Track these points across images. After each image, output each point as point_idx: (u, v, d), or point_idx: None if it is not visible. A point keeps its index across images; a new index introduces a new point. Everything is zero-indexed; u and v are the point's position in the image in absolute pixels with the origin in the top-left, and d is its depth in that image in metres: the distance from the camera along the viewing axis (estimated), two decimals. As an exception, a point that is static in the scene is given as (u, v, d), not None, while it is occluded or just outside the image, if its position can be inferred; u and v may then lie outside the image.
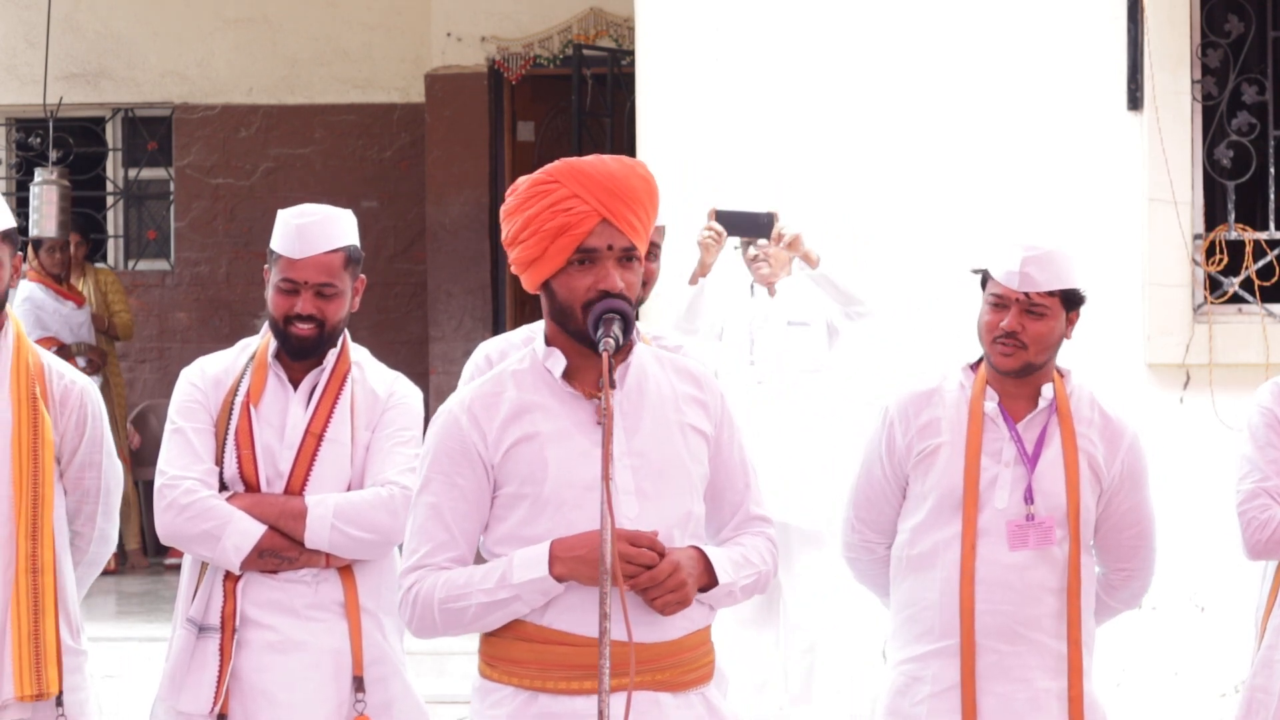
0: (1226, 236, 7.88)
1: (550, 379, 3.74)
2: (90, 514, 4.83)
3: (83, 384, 4.81)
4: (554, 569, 3.61)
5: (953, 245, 7.75)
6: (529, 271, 3.72)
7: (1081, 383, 4.73)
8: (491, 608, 3.66)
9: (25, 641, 4.60)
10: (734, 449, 3.84)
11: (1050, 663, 4.60)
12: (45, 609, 4.64)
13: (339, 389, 4.73)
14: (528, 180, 3.73)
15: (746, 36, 7.92)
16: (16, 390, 4.67)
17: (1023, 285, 4.58)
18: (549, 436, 3.69)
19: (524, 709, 3.69)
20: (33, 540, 4.64)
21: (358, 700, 4.64)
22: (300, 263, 4.64)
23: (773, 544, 3.88)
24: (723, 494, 3.83)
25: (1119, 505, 4.70)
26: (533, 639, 3.68)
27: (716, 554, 3.73)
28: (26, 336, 4.77)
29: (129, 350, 13.12)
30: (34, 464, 4.65)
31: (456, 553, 3.72)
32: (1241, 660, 5.25)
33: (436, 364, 12.34)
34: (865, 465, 4.81)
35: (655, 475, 3.69)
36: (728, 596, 3.76)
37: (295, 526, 4.62)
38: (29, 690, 4.59)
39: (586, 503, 3.64)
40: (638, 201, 3.68)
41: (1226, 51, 7.89)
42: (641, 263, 3.73)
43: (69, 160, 12.83)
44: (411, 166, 13.02)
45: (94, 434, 4.79)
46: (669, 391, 3.77)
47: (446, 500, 3.72)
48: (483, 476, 3.71)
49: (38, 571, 4.64)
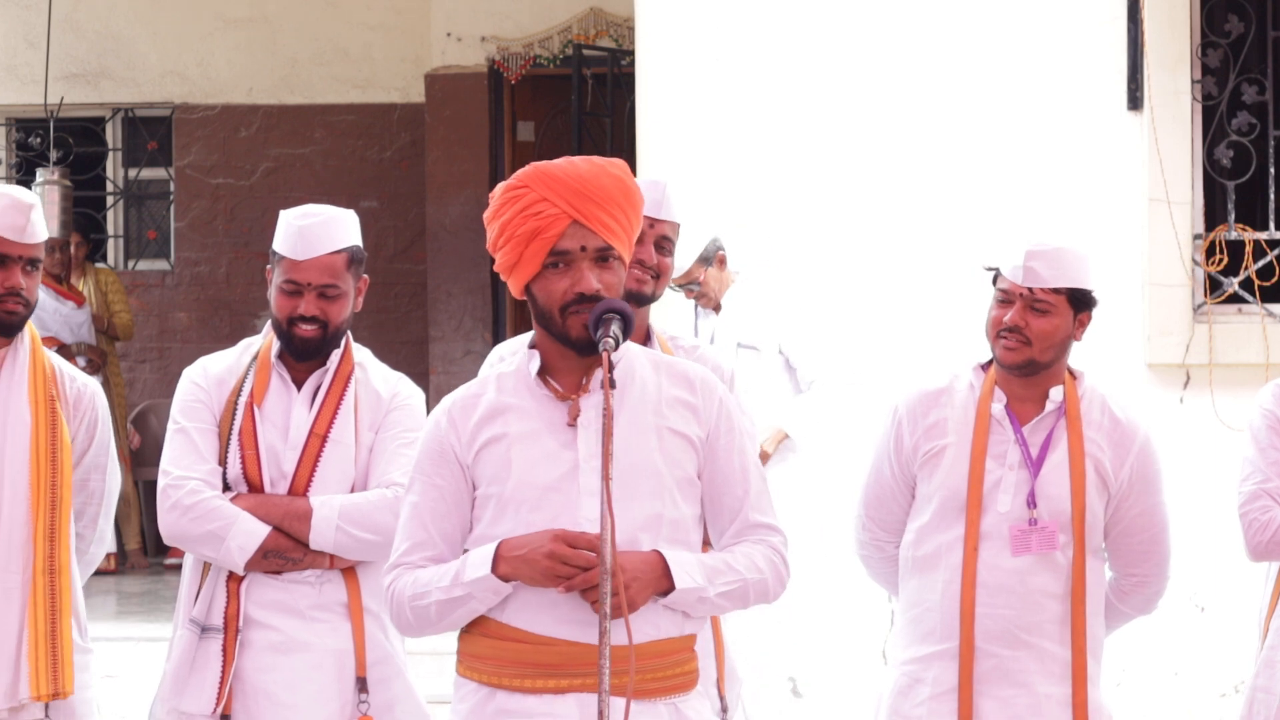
0: (1226, 236, 7.88)
1: (530, 381, 3.74)
2: (93, 516, 4.88)
3: (93, 388, 4.87)
4: (498, 568, 3.63)
5: (953, 245, 7.75)
6: (511, 277, 3.73)
7: (1094, 385, 4.69)
8: (450, 606, 3.68)
9: (43, 642, 4.64)
10: (732, 455, 3.78)
11: (1053, 668, 4.58)
12: (62, 610, 4.69)
13: (343, 390, 4.73)
14: (502, 186, 3.74)
15: (746, 36, 7.92)
16: (35, 393, 4.72)
17: (1026, 280, 4.57)
18: (516, 437, 3.70)
19: (483, 705, 3.71)
20: (51, 542, 4.68)
21: (361, 701, 4.65)
22: (303, 264, 4.64)
23: (776, 552, 3.79)
24: (720, 500, 3.79)
25: (1129, 510, 4.67)
26: (494, 636, 3.70)
27: (681, 558, 3.67)
28: (40, 339, 4.81)
29: (129, 350, 13.12)
30: (53, 466, 4.70)
31: (433, 551, 3.74)
32: (1242, 660, 5.25)
33: (436, 364, 12.34)
34: (875, 464, 4.79)
35: (622, 478, 3.63)
36: (699, 603, 3.69)
37: (300, 527, 4.62)
38: (45, 690, 4.63)
39: (545, 504, 3.65)
40: (610, 201, 3.67)
41: (1226, 51, 7.89)
42: (624, 262, 3.71)
43: (69, 160, 12.83)
44: (411, 166, 13.02)
45: (102, 438, 4.86)
46: (654, 395, 3.75)
47: (426, 500, 3.75)
48: (460, 477, 3.73)
49: (55, 573, 4.68)
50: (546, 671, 3.64)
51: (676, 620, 3.71)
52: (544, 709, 3.64)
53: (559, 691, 3.63)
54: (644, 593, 3.62)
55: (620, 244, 3.69)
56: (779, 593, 3.83)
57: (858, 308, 7.85)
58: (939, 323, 7.66)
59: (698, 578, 3.66)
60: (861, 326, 7.83)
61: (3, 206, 4.69)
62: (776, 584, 3.80)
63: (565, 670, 3.63)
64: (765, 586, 3.78)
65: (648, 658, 3.66)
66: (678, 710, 3.72)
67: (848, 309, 7.85)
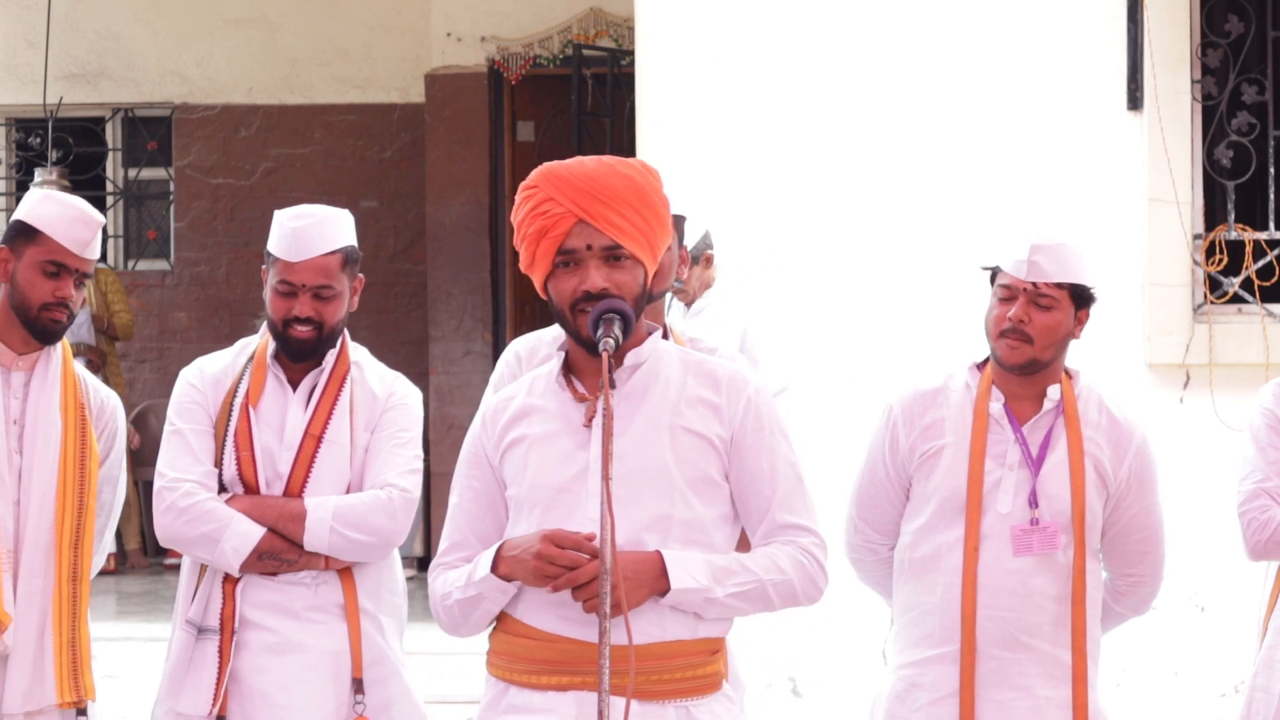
0: (1226, 236, 7.87)
1: (555, 382, 3.77)
2: (101, 528, 4.93)
3: (114, 402, 4.95)
4: (498, 568, 3.67)
5: (953, 245, 7.74)
6: (532, 275, 3.77)
7: (1091, 384, 4.67)
8: (468, 605, 3.73)
9: (65, 649, 4.68)
10: (760, 455, 3.74)
11: (1052, 671, 4.55)
12: (82, 616, 4.75)
13: (338, 390, 4.72)
14: (521, 186, 3.77)
15: (746, 36, 7.92)
16: (65, 400, 4.75)
17: (1030, 274, 4.55)
18: (536, 439, 3.72)
19: (497, 701, 3.74)
20: (75, 550, 4.73)
21: (357, 702, 4.64)
22: (297, 265, 4.63)
23: (806, 552, 3.74)
24: (748, 501, 3.76)
25: (1126, 509, 4.65)
26: (510, 632, 3.73)
27: (683, 559, 3.64)
28: (71, 350, 4.85)
29: (129, 350, 13.12)
30: (80, 474, 4.74)
31: (469, 552, 3.79)
32: (1242, 660, 5.25)
33: (436, 364, 12.33)
34: (868, 464, 4.76)
35: (629, 479, 3.64)
36: (707, 604, 3.66)
37: (295, 529, 4.61)
38: (69, 696, 4.68)
39: (558, 505, 3.67)
40: (618, 199, 3.67)
41: (1226, 51, 7.88)
42: (639, 261, 3.71)
43: (69, 160, 12.83)
44: (411, 166, 13.01)
45: (118, 452, 4.93)
46: (675, 394, 3.73)
47: (463, 501, 3.82)
48: (491, 478, 3.79)
49: (78, 580, 4.74)
50: (550, 668, 3.65)
51: (687, 622, 3.68)
52: (546, 706, 3.65)
53: (561, 689, 3.64)
54: (638, 593, 3.60)
55: (632, 243, 3.68)
56: (812, 595, 3.76)
57: (858, 308, 7.84)
58: (942, 323, 7.65)
59: (700, 578, 3.63)
60: (862, 327, 7.82)
61: (72, 218, 4.72)
62: (807, 585, 3.74)
63: (566, 667, 3.64)
64: (791, 588, 3.72)
65: (653, 659, 3.64)
66: (689, 713, 3.70)
67: (848, 309, 7.84)
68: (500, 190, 12.31)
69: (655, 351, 3.76)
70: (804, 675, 7.87)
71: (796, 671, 7.87)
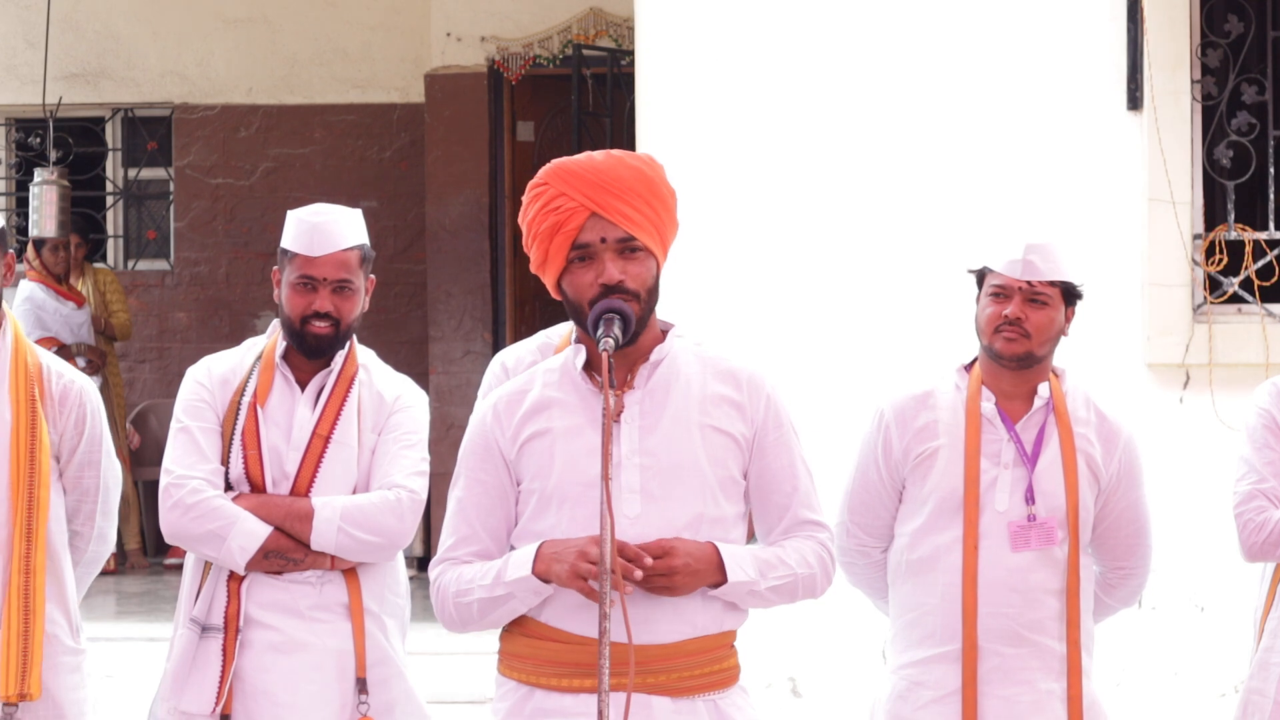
0: (1226, 236, 7.87)
1: (576, 376, 3.75)
2: (89, 513, 4.82)
3: (81, 383, 4.80)
4: (536, 567, 3.65)
5: (953, 245, 7.74)
6: (543, 275, 3.77)
7: (1077, 382, 4.74)
8: (491, 604, 3.71)
9: (14, 642, 4.61)
10: (780, 452, 3.79)
11: (1052, 664, 4.59)
12: (35, 611, 4.64)
13: (346, 391, 4.73)
14: (528, 186, 3.77)
15: (746, 36, 7.92)
16: (15, 391, 4.67)
17: (1025, 273, 4.58)
18: (560, 433, 3.72)
19: (521, 704, 3.74)
20: (27, 542, 4.64)
21: (360, 702, 4.65)
22: (319, 260, 4.66)
23: (824, 549, 3.82)
24: (769, 497, 3.80)
25: (1116, 504, 4.71)
26: (533, 635, 3.72)
27: (735, 551, 3.69)
28: (25, 337, 4.77)
29: (129, 350, 13.12)
30: (31, 466, 4.65)
31: (479, 547, 3.77)
32: (1241, 660, 5.25)
33: (436, 364, 12.33)
34: (860, 469, 4.78)
35: (664, 476, 3.67)
36: (750, 596, 3.72)
37: (302, 528, 4.62)
38: (13, 690, 4.59)
39: (588, 499, 3.66)
40: (629, 191, 3.68)
41: (1226, 51, 7.89)
42: (650, 252, 3.72)
43: (69, 160, 12.82)
44: (411, 166, 13.01)
45: (93, 433, 4.78)
46: (698, 392, 3.75)
47: (471, 495, 3.78)
48: (504, 472, 3.76)
49: (30, 573, 4.64)
50: (583, 671, 3.66)
51: (715, 616, 3.72)
52: (580, 708, 3.66)
53: (594, 691, 3.64)
54: (695, 581, 3.64)
55: (645, 234, 3.69)
56: (826, 588, 3.85)
57: (859, 308, 7.84)
58: (943, 324, 7.65)
59: (750, 571, 3.70)
60: (863, 327, 7.82)
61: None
62: (824, 580, 3.83)
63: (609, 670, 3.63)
64: (814, 582, 3.81)
65: (684, 655, 3.69)
66: (716, 707, 3.74)
67: (848, 309, 7.84)
68: (500, 190, 12.31)
69: (671, 349, 3.78)
70: (804, 675, 7.87)
71: (796, 671, 7.87)
